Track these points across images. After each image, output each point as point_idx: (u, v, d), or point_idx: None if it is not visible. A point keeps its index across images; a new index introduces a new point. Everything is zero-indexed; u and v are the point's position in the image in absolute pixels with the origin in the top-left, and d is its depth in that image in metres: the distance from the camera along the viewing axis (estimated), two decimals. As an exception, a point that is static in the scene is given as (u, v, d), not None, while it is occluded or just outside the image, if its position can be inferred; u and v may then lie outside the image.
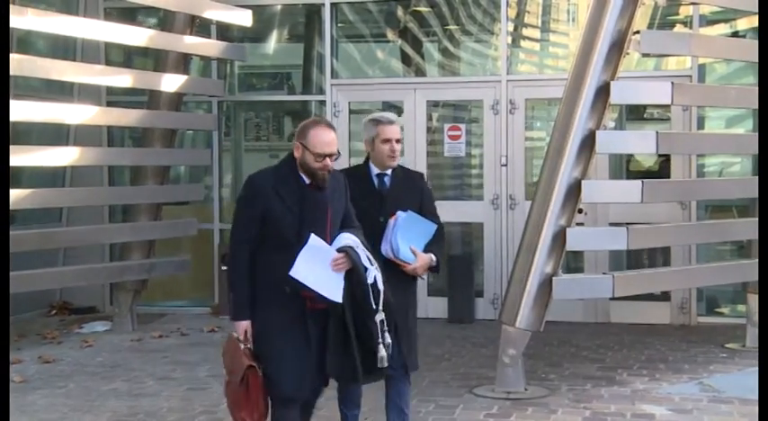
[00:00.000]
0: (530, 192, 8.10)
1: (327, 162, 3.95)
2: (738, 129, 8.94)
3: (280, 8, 9.75)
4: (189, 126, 9.29)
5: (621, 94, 6.15)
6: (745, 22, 8.51)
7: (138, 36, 7.98)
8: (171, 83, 8.16)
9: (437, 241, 4.58)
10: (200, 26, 8.57)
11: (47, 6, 8.88)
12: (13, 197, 6.33)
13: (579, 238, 6.21)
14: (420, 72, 9.53)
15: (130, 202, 8.54)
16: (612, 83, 6.00)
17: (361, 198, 4.39)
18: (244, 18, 8.62)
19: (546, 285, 6.01)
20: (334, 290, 3.92)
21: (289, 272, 3.85)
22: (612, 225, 7.94)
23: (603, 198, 6.75)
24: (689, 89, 7.20)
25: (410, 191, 4.62)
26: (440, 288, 8.72)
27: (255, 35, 9.80)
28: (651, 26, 8.40)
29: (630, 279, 6.50)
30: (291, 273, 3.84)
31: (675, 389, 6.17)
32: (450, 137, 8.99)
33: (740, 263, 7.46)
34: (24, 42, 8.44)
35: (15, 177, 7.09)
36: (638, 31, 6.14)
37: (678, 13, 8.75)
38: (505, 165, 8.74)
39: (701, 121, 8.63)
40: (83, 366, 7.10)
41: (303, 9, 9.69)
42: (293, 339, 3.95)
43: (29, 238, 7.12)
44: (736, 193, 7.39)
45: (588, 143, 6.01)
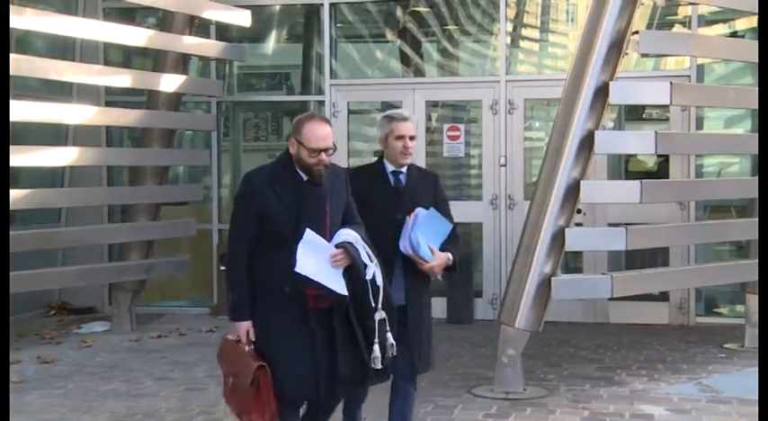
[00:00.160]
0: (529, 193, 8.10)
1: (323, 157, 3.89)
2: (737, 130, 8.95)
3: (279, 8, 9.75)
4: (188, 126, 9.29)
5: (620, 94, 6.15)
6: (744, 23, 8.52)
7: (137, 36, 7.97)
8: (170, 83, 8.16)
9: (452, 240, 4.52)
10: (199, 26, 8.57)
11: (45, 6, 8.88)
12: (11, 197, 6.32)
13: (578, 239, 6.22)
14: (419, 72, 9.53)
15: (129, 203, 8.54)
16: (611, 83, 6.00)
17: (376, 196, 4.37)
18: (243, 18, 8.62)
19: (545, 285, 6.01)
20: (338, 284, 3.86)
21: (288, 270, 3.76)
22: (611, 225, 7.95)
23: (602, 198, 6.75)
24: (688, 89, 7.20)
25: (425, 190, 4.58)
26: (439, 288, 8.70)
27: (254, 35, 9.80)
28: (650, 26, 8.40)
29: (629, 279, 6.50)
30: (297, 268, 3.76)
31: (674, 390, 6.17)
32: (449, 137, 8.99)
33: (739, 263, 7.47)
34: (23, 42, 8.43)
35: (14, 177, 7.08)
36: (636, 32, 6.14)
37: (677, 14, 8.75)
38: (504, 166, 8.74)
39: (699, 122, 8.63)
40: (81, 366, 7.10)
41: (302, 9, 9.69)
42: (295, 339, 3.88)
43: (27, 238, 7.11)
44: (734, 194, 7.40)
45: (587, 143, 6.01)
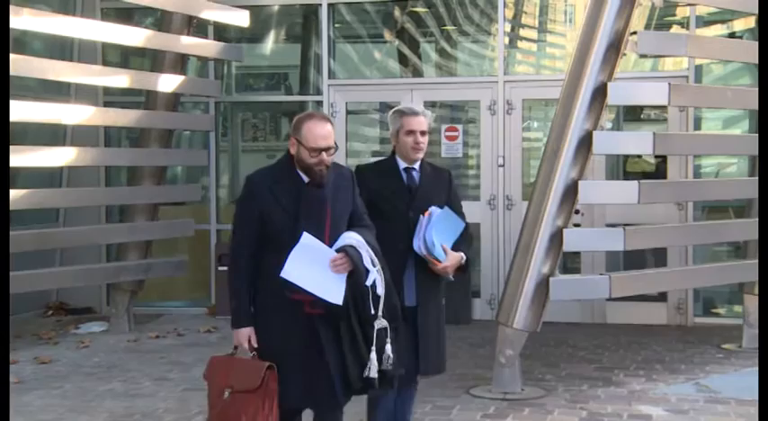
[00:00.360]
0: (527, 193, 8.10)
1: (323, 157, 3.74)
2: (735, 130, 8.96)
3: (277, 8, 9.75)
4: (186, 126, 9.28)
5: (618, 94, 6.16)
6: (742, 23, 8.53)
7: (136, 36, 7.97)
8: (168, 83, 8.16)
9: (465, 240, 4.41)
10: (197, 26, 8.56)
11: (43, 6, 8.86)
12: (10, 197, 6.32)
13: (576, 239, 6.22)
14: (417, 72, 9.54)
15: (127, 203, 8.53)
16: (609, 83, 6.01)
17: (389, 193, 4.29)
18: (241, 18, 8.62)
19: (543, 286, 6.01)
20: (333, 292, 3.70)
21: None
22: (609, 226, 7.96)
23: (600, 199, 6.76)
24: (686, 90, 7.21)
25: (438, 187, 4.46)
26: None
27: (253, 35, 9.80)
28: (648, 27, 8.41)
29: (627, 279, 6.51)
30: (282, 273, 3.64)
31: (672, 390, 6.17)
32: (448, 137, 8.99)
33: (737, 263, 7.47)
34: (20, 42, 8.42)
35: (12, 177, 7.08)
36: (635, 32, 6.15)
37: (675, 14, 8.76)
38: (502, 166, 8.75)
39: (697, 122, 8.64)
40: (79, 367, 7.10)
41: (300, 9, 9.69)
42: (297, 346, 3.75)
43: (25, 239, 7.11)
44: (732, 194, 7.41)
45: (585, 144, 6.01)
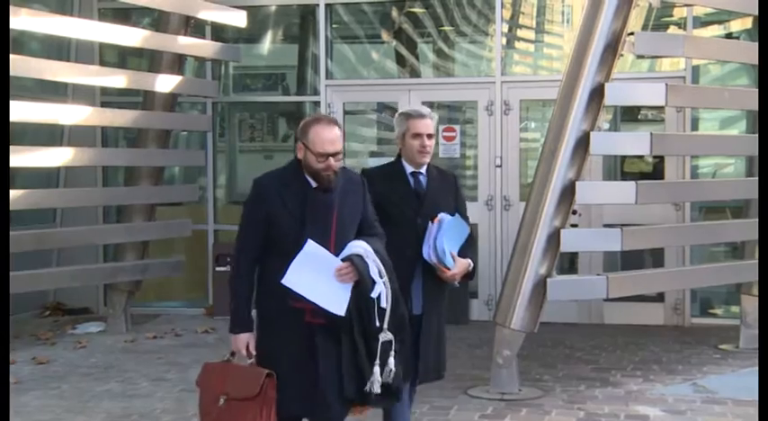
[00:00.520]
0: (524, 194, 8.10)
1: (331, 162, 3.64)
2: (732, 131, 8.96)
3: (274, 9, 9.75)
4: (183, 127, 9.28)
5: (616, 95, 6.16)
6: (739, 24, 8.53)
7: (133, 36, 7.97)
8: (165, 83, 8.15)
9: (471, 245, 4.34)
10: (194, 27, 8.56)
11: (41, 6, 8.86)
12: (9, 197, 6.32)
13: (573, 239, 6.22)
14: (414, 73, 9.54)
15: (124, 203, 8.52)
16: (607, 84, 6.01)
17: (396, 198, 4.19)
18: (238, 19, 8.62)
19: (540, 286, 6.02)
20: (336, 302, 3.59)
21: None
22: (607, 226, 7.97)
23: (598, 199, 6.76)
24: (683, 90, 7.21)
25: (446, 191, 4.38)
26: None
27: (250, 36, 9.80)
28: (645, 28, 8.41)
29: (624, 280, 6.51)
30: (284, 281, 3.55)
31: (669, 390, 6.18)
32: (445, 138, 8.99)
33: (734, 264, 7.49)
34: (18, 42, 8.40)
35: (9, 178, 7.07)
36: (632, 33, 6.15)
37: (672, 15, 8.77)
38: (500, 167, 8.75)
39: (694, 123, 8.65)
40: (76, 367, 7.10)
41: (298, 10, 9.69)
42: (297, 355, 3.66)
43: (23, 239, 7.10)
44: (729, 195, 7.41)
45: (582, 144, 6.02)
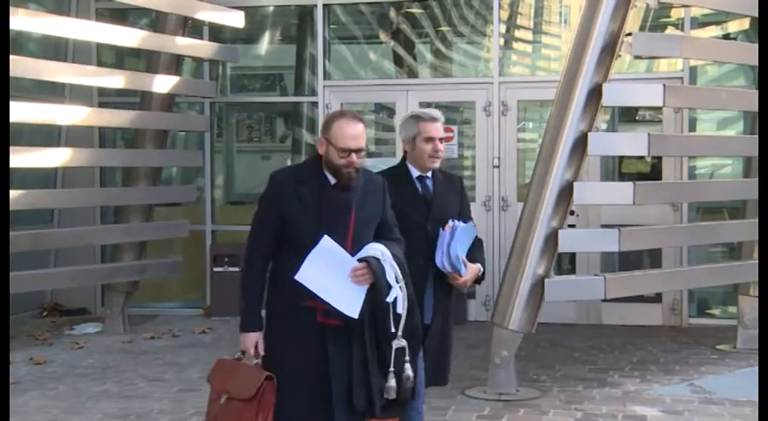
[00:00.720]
0: (522, 194, 8.10)
1: (353, 158, 3.55)
2: (729, 132, 8.97)
3: (272, 9, 9.75)
4: (181, 127, 9.27)
5: (613, 95, 6.16)
6: (736, 25, 8.54)
7: (130, 37, 7.96)
8: (163, 84, 8.15)
9: (479, 248, 4.26)
10: (192, 27, 8.56)
11: (38, 7, 8.86)
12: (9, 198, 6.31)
13: (571, 240, 6.23)
14: (412, 73, 9.54)
15: (122, 204, 8.52)
16: (604, 85, 6.02)
17: (404, 204, 4.04)
18: (236, 19, 8.61)
19: (538, 287, 6.02)
20: (350, 303, 3.47)
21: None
22: (604, 226, 7.97)
23: (595, 199, 6.77)
24: (680, 91, 7.22)
25: (453, 196, 4.30)
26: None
27: (248, 36, 9.79)
28: (643, 28, 8.42)
29: (622, 280, 6.51)
30: (297, 276, 3.44)
31: (667, 391, 6.18)
32: (443, 138, 8.97)
33: (731, 264, 7.49)
34: (16, 43, 8.39)
35: (6, 178, 7.07)
36: (629, 34, 6.15)
37: (670, 16, 8.78)
38: (497, 167, 8.75)
39: (692, 123, 8.65)
40: (74, 368, 7.09)
41: (295, 10, 9.69)
42: (305, 359, 3.55)
43: (20, 240, 7.09)
44: (727, 195, 7.42)
45: (580, 145, 6.02)
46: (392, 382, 3.52)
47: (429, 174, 4.24)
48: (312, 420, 3.60)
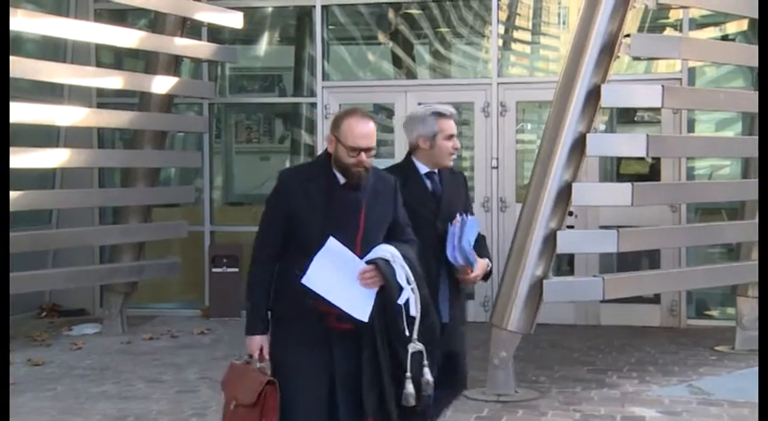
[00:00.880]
0: (520, 195, 8.09)
1: (363, 157, 3.45)
2: (728, 132, 8.97)
3: (271, 10, 9.75)
4: (179, 128, 9.27)
5: (612, 96, 6.16)
6: (735, 26, 8.55)
7: (129, 37, 7.96)
8: (161, 85, 8.15)
9: (484, 245, 4.20)
10: (190, 28, 8.56)
11: (36, 7, 8.85)
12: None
13: (569, 241, 6.23)
14: (411, 74, 9.54)
15: (120, 204, 8.51)
16: (603, 86, 6.02)
17: (414, 201, 3.93)
18: (235, 20, 8.61)
19: (536, 288, 6.02)
20: (359, 307, 3.38)
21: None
22: (603, 228, 7.97)
23: (594, 201, 6.77)
24: (679, 92, 7.23)
25: (459, 192, 4.24)
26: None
27: (246, 37, 9.79)
28: (641, 29, 8.43)
29: (620, 281, 6.52)
30: (304, 280, 3.36)
31: (665, 392, 6.18)
32: (441, 139, 8.97)
33: (730, 265, 7.50)
34: (14, 43, 8.38)
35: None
36: (628, 35, 6.16)
37: (668, 17, 8.78)
38: (496, 168, 8.75)
39: (690, 124, 8.66)
40: (72, 369, 7.08)
41: (294, 11, 9.69)
42: (313, 363, 3.44)
43: (18, 240, 7.07)
44: (725, 196, 7.43)
45: (579, 146, 6.02)
46: (410, 388, 3.39)
47: (436, 171, 4.15)
48: None
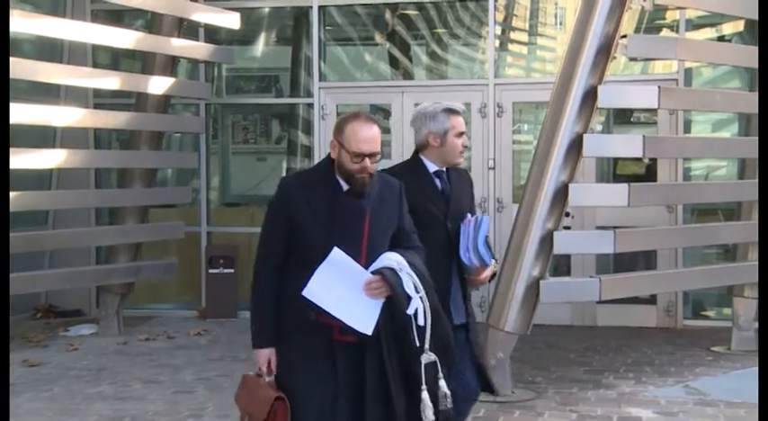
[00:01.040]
0: (517, 196, 8.10)
1: (367, 163, 3.32)
2: (724, 133, 8.98)
3: (268, 11, 9.75)
4: (176, 129, 9.26)
5: (608, 97, 6.18)
6: (731, 27, 8.56)
7: (126, 38, 7.95)
8: (158, 85, 8.14)
9: (491, 246, 4.06)
10: (187, 29, 8.55)
11: (33, 8, 8.84)
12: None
13: (566, 242, 6.24)
14: (408, 75, 9.54)
15: (117, 205, 8.51)
16: (600, 86, 6.03)
17: (425, 201, 3.87)
18: (232, 21, 8.61)
19: (533, 288, 6.02)
20: (363, 319, 3.27)
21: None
22: (599, 228, 7.97)
23: (590, 201, 6.78)
24: (675, 93, 7.24)
25: (466, 190, 4.13)
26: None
27: (243, 38, 9.79)
28: (638, 30, 8.42)
29: (617, 282, 6.52)
30: (305, 292, 3.23)
31: (661, 392, 6.19)
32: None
33: (726, 266, 7.51)
34: (11, 44, 8.38)
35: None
36: (625, 35, 6.17)
37: (665, 18, 8.79)
38: (493, 169, 8.76)
39: (687, 125, 8.66)
40: (68, 370, 7.08)
41: (291, 12, 9.69)
42: (318, 376, 3.32)
43: (14, 241, 7.04)
44: (722, 197, 7.44)
45: (575, 146, 6.03)
46: (427, 401, 3.25)
47: (444, 169, 4.06)
48: None
